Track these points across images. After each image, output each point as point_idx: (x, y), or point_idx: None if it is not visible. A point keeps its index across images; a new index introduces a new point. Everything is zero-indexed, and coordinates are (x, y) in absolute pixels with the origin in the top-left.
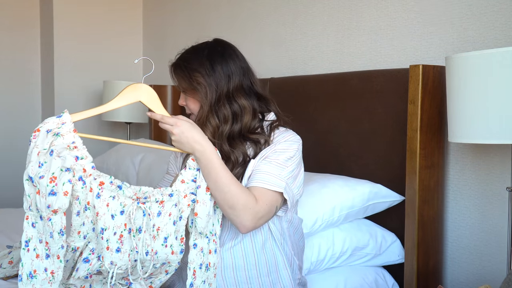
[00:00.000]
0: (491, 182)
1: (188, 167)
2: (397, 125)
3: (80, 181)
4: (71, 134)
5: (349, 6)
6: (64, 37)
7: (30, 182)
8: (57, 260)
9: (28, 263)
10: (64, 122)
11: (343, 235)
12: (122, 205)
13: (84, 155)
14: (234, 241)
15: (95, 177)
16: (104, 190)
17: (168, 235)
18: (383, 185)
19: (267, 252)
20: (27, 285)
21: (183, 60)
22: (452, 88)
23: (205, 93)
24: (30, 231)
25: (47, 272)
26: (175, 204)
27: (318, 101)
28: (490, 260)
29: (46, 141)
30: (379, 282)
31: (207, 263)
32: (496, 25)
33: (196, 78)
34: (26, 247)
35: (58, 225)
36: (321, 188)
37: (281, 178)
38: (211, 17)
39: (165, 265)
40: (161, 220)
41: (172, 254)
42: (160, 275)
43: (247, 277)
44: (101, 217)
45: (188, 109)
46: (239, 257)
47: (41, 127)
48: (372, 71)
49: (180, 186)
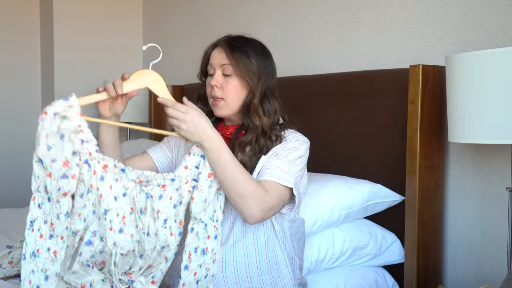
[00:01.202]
0: (491, 182)
1: (192, 154)
2: (397, 125)
3: (86, 164)
4: (77, 118)
5: (349, 6)
6: (64, 37)
7: (40, 164)
8: (61, 240)
9: (32, 243)
10: (71, 105)
11: (343, 235)
12: (125, 188)
13: (89, 139)
14: (236, 238)
15: (99, 160)
16: (107, 173)
17: (167, 218)
18: (383, 185)
19: (269, 250)
20: (30, 263)
21: (240, 44)
22: (452, 88)
23: (257, 82)
24: (35, 211)
25: (50, 252)
26: (176, 188)
27: (318, 101)
28: (490, 260)
29: (53, 124)
30: (379, 282)
31: (204, 248)
32: (496, 25)
33: (252, 66)
34: (31, 227)
35: (65, 207)
36: (321, 188)
37: (291, 174)
38: (211, 17)
39: (165, 249)
40: (162, 203)
41: (171, 235)
42: (160, 265)
43: (248, 275)
44: (104, 198)
45: (221, 92)
46: (240, 255)
47: (48, 110)
48: (372, 71)
49: (183, 172)
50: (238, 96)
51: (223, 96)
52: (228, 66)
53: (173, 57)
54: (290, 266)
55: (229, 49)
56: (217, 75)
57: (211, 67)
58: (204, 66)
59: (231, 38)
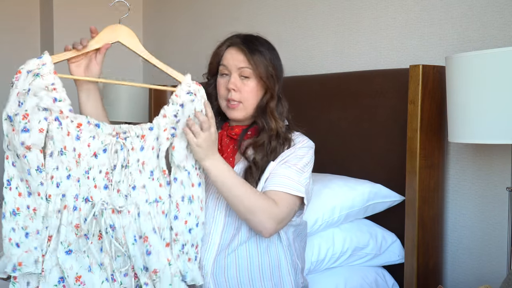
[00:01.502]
0: (491, 182)
1: (172, 103)
2: (397, 125)
3: (56, 121)
4: (51, 76)
5: (349, 6)
6: (64, 37)
7: (9, 121)
8: (38, 197)
9: (11, 201)
10: (44, 63)
11: (343, 235)
12: (103, 143)
13: (63, 98)
14: (240, 242)
15: (72, 119)
16: (83, 132)
17: (153, 169)
18: (383, 185)
19: (271, 254)
20: (10, 221)
21: (258, 46)
22: (452, 88)
23: (274, 85)
24: (11, 170)
25: (30, 209)
26: (156, 138)
27: (318, 101)
28: (490, 260)
29: (26, 81)
30: (379, 282)
31: (190, 196)
32: (496, 25)
33: (270, 68)
34: (8, 185)
35: (34, 162)
36: (321, 188)
37: (301, 183)
38: (211, 17)
39: (160, 203)
40: (145, 155)
41: (160, 186)
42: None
43: (250, 279)
44: (83, 157)
45: (238, 95)
46: (243, 258)
47: (22, 68)
48: (372, 71)
49: (162, 120)
50: (255, 98)
51: (241, 99)
52: (246, 69)
53: (173, 57)
54: (293, 271)
55: (248, 52)
56: (234, 78)
57: (226, 68)
58: (215, 66)
59: (247, 39)
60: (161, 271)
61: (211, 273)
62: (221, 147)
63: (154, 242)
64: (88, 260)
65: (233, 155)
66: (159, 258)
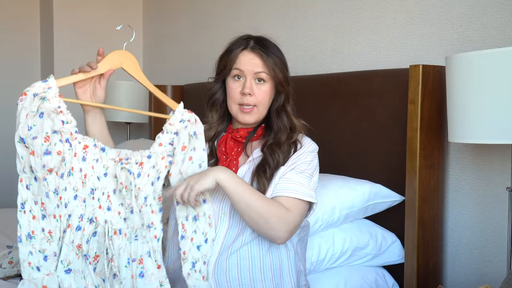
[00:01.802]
0: (491, 182)
1: (166, 131)
2: (397, 125)
3: (67, 143)
4: (56, 99)
5: (349, 6)
6: (64, 37)
7: (22, 144)
8: (54, 219)
9: (26, 225)
10: (50, 86)
11: (343, 235)
12: (105, 168)
13: (69, 119)
14: (242, 243)
15: (80, 140)
16: (88, 154)
17: (147, 195)
18: (383, 185)
19: (273, 256)
20: (27, 245)
21: (274, 51)
22: (452, 88)
23: (288, 87)
24: (25, 193)
25: (45, 232)
26: (153, 166)
27: (318, 101)
28: (490, 260)
29: (33, 104)
30: (379, 282)
31: (195, 214)
32: (496, 25)
33: (285, 71)
34: (22, 209)
35: (53, 184)
36: (321, 188)
37: (311, 188)
38: (211, 17)
39: (152, 229)
40: (141, 181)
41: (152, 213)
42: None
43: (251, 280)
44: (89, 178)
45: (254, 99)
46: (244, 259)
47: (28, 91)
48: (372, 71)
49: (158, 149)
50: (269, 102)
51: (256, 103)
52: (263, 73)
53: (173, 58)
54: (294, 272)
55: (266, 55)
56: (250, 83)
57: (241, 72)
58: (228, 69)
59: (260, 42)
60: None
61: (213, 274)
62: (225, 150)
63: (148, 265)
64: (85, 282)
65: (237, 157)
66: (151, 281)
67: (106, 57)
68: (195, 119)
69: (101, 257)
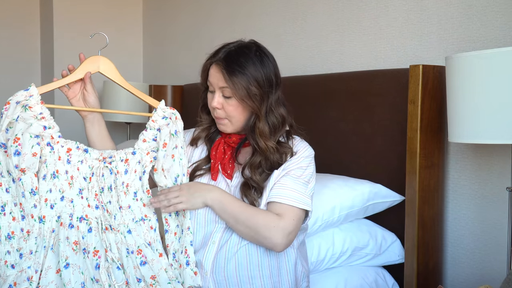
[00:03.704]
0: (491, 182)
1: (149, 128)
2: (397, 125)
3: (48, 146)
4: (38, 106)
5: (349, 6)
6: (64, 36)
7: (3, 149)
8: (32, 219)
9: (6, 226)
10: (31, 94)
11: (343, 235)
12: (90, 168)
13: (52, 125)
14: (239, 241)
15: (62, 144)
16: (72, 156)
17: (137, 190)
18: (383, 185)
19: (271, 253)
20: (5, 245)
21: (239, 66)
22: (452, 88)
23: (260, 102)
24: (4, 196)
25: (24, 232)
26: (138, 161)
27: (318, 101)
28: (490, 260)
29: (15, 112)
30: (379, 282)
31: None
32: (496, 25)
33: (253, 87)
34: (3, 211)
35: (28, 185)
36: (321, 188)
37: (307, 195)
38: (211, 16)
39: (146, 221)
40: (129, 177)
41: (144, 206)
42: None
43: (249, 278)
44: (76, 179)
45: (223, 112)
46: (242, 257)
47: (11, 100)
48: (372, 71)
49: (142, 145)
50: (241, 115)
51: (226, 117)
52: (227, 88)
53: (173, 58)
54: (293, 272)
55: (227, 73)
56: (217, 96)
57: (211, 85)
58: (204, 80)
59: (229, 56)
60: (158, 276)
61: (211, 272)
62: (215, 154)
63: (148, 254)
64: (82, 277)
65: (231, 162)
66: (154, 265)
67: (82, 64)
68: (175, 116)
69: (101, 252)
